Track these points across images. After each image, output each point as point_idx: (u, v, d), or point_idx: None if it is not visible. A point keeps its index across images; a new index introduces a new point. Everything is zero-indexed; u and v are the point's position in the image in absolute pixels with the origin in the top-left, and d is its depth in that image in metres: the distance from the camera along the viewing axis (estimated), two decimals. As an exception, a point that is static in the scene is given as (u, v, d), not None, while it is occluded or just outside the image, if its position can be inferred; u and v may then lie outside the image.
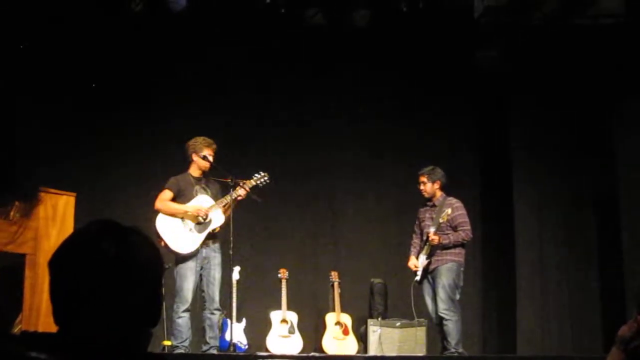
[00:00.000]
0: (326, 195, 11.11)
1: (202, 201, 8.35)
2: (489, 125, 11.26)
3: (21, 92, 9.56)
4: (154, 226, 8.23)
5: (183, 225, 8.29)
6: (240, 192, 8.37)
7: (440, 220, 8.70)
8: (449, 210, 8.75)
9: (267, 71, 10.81)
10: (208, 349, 8.28)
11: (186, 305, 8.20)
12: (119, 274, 1.86)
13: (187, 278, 8.21)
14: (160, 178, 9.19)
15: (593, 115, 10.27)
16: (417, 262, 8.91)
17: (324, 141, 11.04)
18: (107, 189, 10.30)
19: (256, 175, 8.56)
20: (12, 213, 6.66)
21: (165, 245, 8.15)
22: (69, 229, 6.96)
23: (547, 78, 10.37)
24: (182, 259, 8.25)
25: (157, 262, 1.98)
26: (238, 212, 8.59)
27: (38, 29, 9.45)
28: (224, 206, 8.38)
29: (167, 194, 8.34)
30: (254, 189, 8.52)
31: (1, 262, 6.66)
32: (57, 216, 6.85)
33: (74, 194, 7.06)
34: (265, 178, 8.57)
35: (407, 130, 11.09)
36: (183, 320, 8.19)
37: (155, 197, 8.41)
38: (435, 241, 8.69)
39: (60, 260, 1.89)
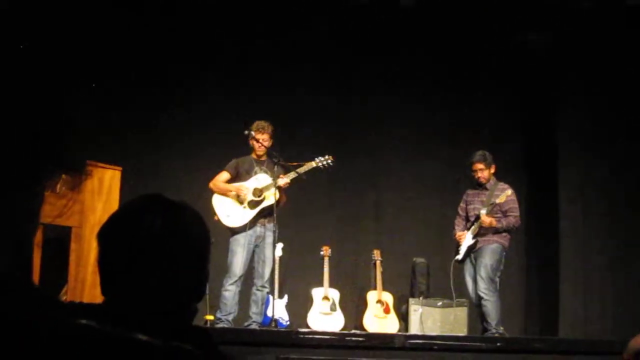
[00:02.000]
0: (369, 173, 11.11)
1: (260, 179, 8.54)
2: (535, 109, 11.16)
3: (68, 65, 9.62)
4: (204, 201, 8.45)
5: (237, 202, 8.51)
6: (291, 175, 8.60)
7: (498, 201, 8.67)
8: (509, 192, 8.72)
9: (312, 51, 10.81)
10: (250, 324, 8.37)
11: (234, 279, 8.35)
12: (165, 247, 1.88)
13: (237, 253, 8.40)
14: (207, 154, 9.29)
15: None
16: (464, 235, 8.89)
17: (367, 120, 11.03)
18: (154, 164, 10.37)
19: (319, 158, 8.77)
20: (59, 186, 6.71)
21: (218, 219, 8.43)
22: (114, 202, 7.02)
23: (595, 62, 10.24)
24: (235, 234, 8.46)
25: (204, 236, 1.99)
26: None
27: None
28: (278, 187, 8.50)
29: (223, 175, 8.66)
30: (315, 170, 8.78)
31: (48, 235, 6.73)
32: (103, 190, 6.90)
33: (120, 168, 7.10)
34: (329, 161, 8.81)
35: (451, 111, 11.04)
36: (229, 293, 8.32)
37: (210, 176, 8.69)
38: (487, 223, 8.67)
39: (109, 233, 1.92)
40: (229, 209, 8.48)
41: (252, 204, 8.49)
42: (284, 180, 8.52)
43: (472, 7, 10.27)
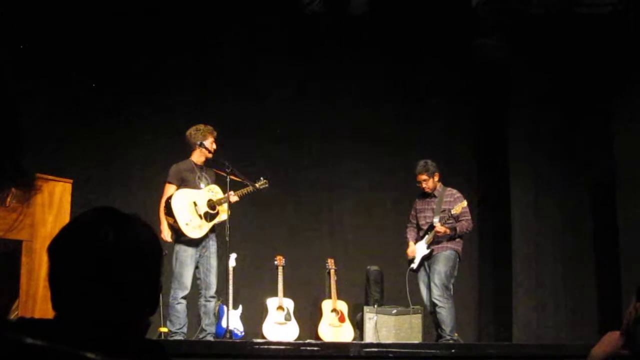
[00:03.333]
0: (323, 182, 11.12)
1: (214, 191, 8.47)
2: (485, 113, 11.27)
3: (20, 78, 9.53)
4: (159, 210, 8.30)
5: (195, 209, 8.32)
6: (242, 192, 8.58)
7: (454, 212, 8.71)
8: (464, 203, 8.77)
9: (264, 58, 10.81)
10: (205, 336, 8.30)
11: (185, 292, 8.22)
12: (117, 260, 1.86)
13: (187, 265, 8.24)
14: (158, 166, 9.19)
15: (591, 104, 10.27)
16: (416, 249, 8.94)
17: (321, 129, 11.05)
18: (104, 177, 10.27)
19: (258, 181, 8.72)
20: (8, 199, 6.64)
21: (175, 223, 8.18)
22: (65, 216, 6.94)
23: (545, 66, 10.36)
24: (183, 245, 8.28)
25: (156, 249, 1.98)
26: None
27: (36, 13, 9.44)
28: (233, 201, 8.48)
29: (171, 189, 8.35)
30: (252, 193, 8.71)
31: (-2, 249, 6.66)
32: (53, 203, 6.82)
33: (71, 181, 7.03)
34: (266, 185, 8.77)
35: (404, 118, 11.13)
36: (181, 306, 8.21)
37: (159, 185, 8.52)
38: (442, 232, 8.72)
39: (59, 246, 1.90)
40: (188, 217, 8.23)
41: (208, 217, 8.37)
42: (235, 198, 8.49)
43: (421, 13, 10.34)
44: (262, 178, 8.78)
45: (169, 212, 8.23)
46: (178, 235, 8.26)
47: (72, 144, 10.04)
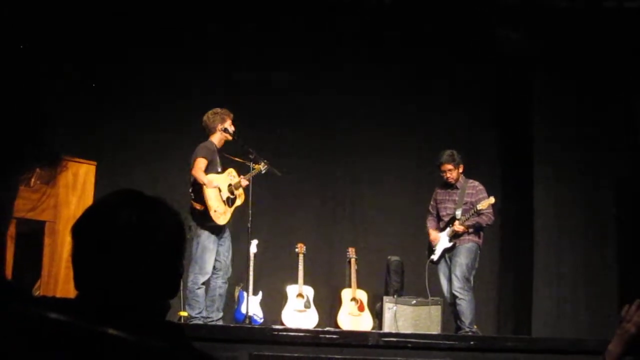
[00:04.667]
0: (346, 171, 11.12)
1: (232, 176, 8.49)
2: (510, 106, 11.21)
3: (44, 58, 9.57)
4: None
5: (220, 195, 8.35)
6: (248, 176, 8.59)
7: (479, 207, 8.68)
8: (492, 199, 8.74)
9: (288, 50, 10.81)
10: (219, 318, 8.35)
11: (206, 277, 8.27)
12: (139, 242, 1.87)
13: (209, 251, 8.28)
14: (181, 149, 9.21)
15: (616, 97, 10.19)
16: (439, 237, 8.92)
17: (344, 118, 11.04)
18: (128, 159, 10.33)
19: (262, 161, 8.70)
20: (33, 180, 6.69)
21: (205, 209, 8.17)
22: (89, 197, 6.99)
23: (571, 60, 10.30)
24: (207, 231, 8.30)
25: (179, 232, 1.99)
26: (257, 185, 8.65)
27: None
28: (244, 185, 8.53)
29: (203, 162, 8.29)
30: (258, 175, 8.70)
31: (21, 229, 6.70)
32: (77, 184, 6.88)
33: (95, 163, 7.08)
34: (267, 167, 8.70)
35: (428, 109, 11.07)
36: (201, 291, 8.26)
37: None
38: (461, 231, 8.71)
39: (83, 227, 1.91)
40: (217, 205, 8.23)
41: (230, 202, 8.41)
42: (245, 182, 8.51)
43: (446, 6, 10.31)
44: (262, 162, 8.71)
45: (199, 198, 8.21)
46: (203, 220, 8.26)
47: (97, 126, 10.09)
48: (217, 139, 8.51)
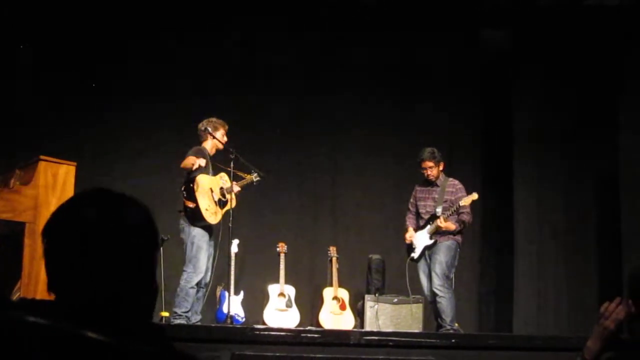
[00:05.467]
0: (326, 170, 11.12)
1: (224, 180, 8.56)
2: (491, 104, 11.25)
3: (23, 60, 9.54)
4: (182, 190, 8.34)
5: (212, 195, 8.42)
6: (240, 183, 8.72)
7: (462, 203, 8.67)
8: (475, 195, 8.73)
9: (268, 48, 10.81)
10: (197, 321, 8.37)
11: (199, 277, 8.33)
12: (102, 240, 1.83)
13: (203, 250, 8.35)
14: (161, 151, 9.21)
15: (596, 98, 10.24)
16: (415, 236, 8.92)
17: (324, 117, 11.05)
18: (108, 160, 10.30)
19: (254, 172, 8.83)
20: (12, 181, 6.66)
21: (196, 207, 8.23)
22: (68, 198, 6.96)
23: (551, 59, 10.35)
24: (201, 230, 8.35)
25: (147, 229, 1.93)
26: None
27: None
28: (237, 192, 8.63)
29: (192, 159, 8.32)
30: (249, 185, 8.86)
31: (0, 230, 6.67)
32: (57, 185, 6.83)
33: (75, 164, 7.04)
34: (259, 179, 8.86)
35: (408, 107, 11.09)
36: (193, 291, 8.31)
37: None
38: (444, 227, 8.70)
39: (49, 228, 1.89)
40: (207, 203, 8.33)
41: (221, 204, 8.48)
42: (237, 188, 8.58)
43: (429, 2, 10.34)
44: (256, 173, 8.86)
45: (191, 196, 8.27)
46: (194, 219, 8.33)
47: (77, 128, 10.06)
48: (209, 145, 8.61)
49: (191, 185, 8.27)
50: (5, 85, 9.51)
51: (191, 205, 8.26)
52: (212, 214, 8.34)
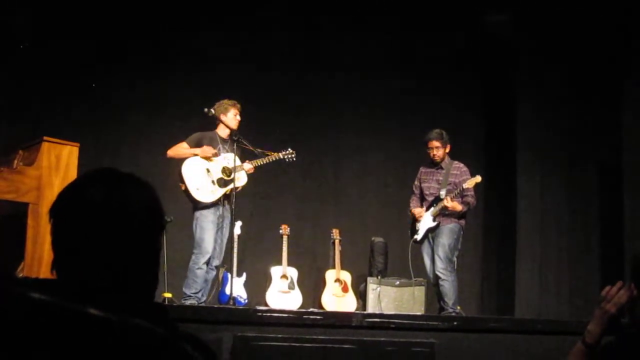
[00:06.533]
0: (329, 153, 11.13)
1: (229, 159, 8.48)
2: (494, 87, 11.24)
3: (27, 42, 9.53)
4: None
5: (207, 175, 8.44)
6: (262, 161, 8.75)
7: (466, 186, 8.65)
8: (479, 178, 8.70)
9: (270, 30, 10.81)
10: (202, 302, 8.38)
11: (206, 257, 8.35)
12: (107, 220, 1.85)
13: (208, 230, 8.37)
14: (165, 132, 9.21)
15: (600, 81, 10.21)
16: (423, 213, 8.91)
17: (326, 101, 11.03)
18: (112, 141, 10.30)
19: (284, 150, 8.90)
20: (15, 162, 6.66)
21: (186, 189, 8.35)
22: (71, 179, 6.93)
23: (556, 47, 10.31)
24: (203, 211, 8.40)
25: (152, 209, 1.94)
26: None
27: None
28: (248, 170, 8.61)
29: (183, 145, 8.49)
30: (280, 162, 8.97)
31: (4, 211, 6.68)
32: (60, 166, 6.83)
33: (78, 145, 7.04)
34: (293, 156, 8.95)
35: (410, 90, 11.07)
36: (201, 272, 8.35)
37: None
38: (451, 207, 8.66)
39: (55, 209, 1.89)
40: (199, 182, 8.36)
41: (221, 182, 8.46)
42: (249, 166, 8.55)
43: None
44: (289, 149, 8.96)
45: (180, 178, 8.38)
46: (193, 201, 8.40)
47: (80, 109, 10.05)
48: (220, 128, 8.65)
49: (179, 167, 8.41)
50: (7, 65, 9.50)
51: (183, 187, 8.38)
52: (207, 192, 8.37)
